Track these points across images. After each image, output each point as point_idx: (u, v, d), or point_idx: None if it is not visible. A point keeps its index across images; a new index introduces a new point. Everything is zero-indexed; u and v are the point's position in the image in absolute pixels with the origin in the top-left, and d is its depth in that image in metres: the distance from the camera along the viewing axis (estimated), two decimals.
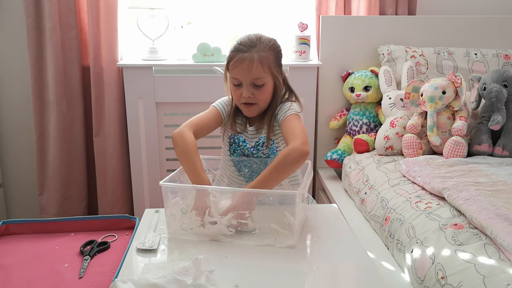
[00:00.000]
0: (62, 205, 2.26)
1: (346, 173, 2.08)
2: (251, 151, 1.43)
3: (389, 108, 2.09)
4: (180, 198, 1.21)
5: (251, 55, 1.32)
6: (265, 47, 1.35)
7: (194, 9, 2.33)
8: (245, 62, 1.32)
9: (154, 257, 1.16)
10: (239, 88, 1.37)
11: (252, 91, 1.35)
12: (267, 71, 1.35)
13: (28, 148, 2.32)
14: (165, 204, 1.23)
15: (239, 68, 1.34)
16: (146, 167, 2.23)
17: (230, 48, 1.38)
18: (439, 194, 1.49)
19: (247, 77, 1.34)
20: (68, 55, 2.16)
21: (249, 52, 1.33)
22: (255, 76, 1.34)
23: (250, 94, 1.35)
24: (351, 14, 2.32)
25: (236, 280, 1.04)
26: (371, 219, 1.68)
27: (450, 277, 1.12)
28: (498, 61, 2.20)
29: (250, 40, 1.35)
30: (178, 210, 1.21)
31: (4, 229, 1.38)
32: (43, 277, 1.15)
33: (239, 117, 1.47)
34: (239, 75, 1.35)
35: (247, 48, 1.33)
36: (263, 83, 1.35)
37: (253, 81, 1.35)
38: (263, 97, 1.38)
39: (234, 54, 1.35)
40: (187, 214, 1.20)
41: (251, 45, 1.34)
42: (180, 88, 2.15)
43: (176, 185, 1.25)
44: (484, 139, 1.86)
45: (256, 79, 1.34)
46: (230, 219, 1.18)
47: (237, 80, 1.36)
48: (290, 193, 1.19)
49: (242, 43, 1.35)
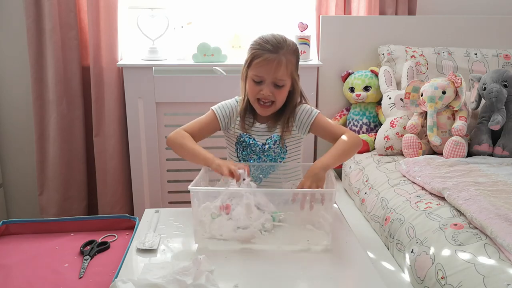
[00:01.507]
0: (62, 205, 2.26)
1: (346, 173, 2.08)
2: (262, 148, 1.44)
3: (389, 108, 2.09)
4: (210, 203, 1.18)
5: (279, 57, 1.35)
6: (290, 50, 1.38)
7: (194, 9, 2.33)
8: (273, 63, 1.34)
9: (154, 257, 1.16)
10: (259, 85, 1.39)
11: (272, 90, 1.38)
12: (289, 74, 1.39)
13: (28, 148, 2.32)
14: (193, 210, 1.18)
15: (265, 67, 1.35)
16: (146, 167, 2.23)
17: (253, 45, 1.39)
18: (439, 194, 1.49)
19: (271, 76, 1.36)
20: (68, 55, 2.16)
21: (277, 54, 1.35)
22: (280, 77, 1.36)
23: (270, 92, 1.38)
24: (351, 14, 2.32)
25: (236, 280, 1.04)
26: (371, 219, 1.68)
27: (450, 277, 1.12)
28: (498, 61, 2.20)
29: (277, 41, 1.36)
30: (208, 216, 1.17)
31: (4, 229, 1.38)
32: (43, 277, 1.15)
33: (247, 116, 1.48)
34: (264, 73, 1.36)
35: (274, 49, 1.35)
36: (284, 84, 1.39)
37: (275, 81, 1.37)
38: (281, 97, 1.41)
39: (260, 52, 1.36)
40: (217, 219, 1.17)
41: (278, 46, 1.36)
42: (180, 88, 2.15)
43: (207, 189, 1.21)
44: (484, 139, 1.86)
45: (279, 80, 1.37)
46: (264, 222, 1.18)
47: (258, 77, 1.38)
48: (328, 191, 1.22)
49: (269, 42, 1.36)
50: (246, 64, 1.40)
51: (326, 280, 1.06)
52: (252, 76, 1.39)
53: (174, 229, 1.30)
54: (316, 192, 1.22)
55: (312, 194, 1.21)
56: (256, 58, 1.36)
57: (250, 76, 1.40)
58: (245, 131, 1.46)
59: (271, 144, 1.43)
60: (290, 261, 1.14)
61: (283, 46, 1.36)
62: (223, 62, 2.17)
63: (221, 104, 1.49)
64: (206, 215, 1.17)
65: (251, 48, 1.39)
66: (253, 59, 1.37)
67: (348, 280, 1.14)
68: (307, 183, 1.24)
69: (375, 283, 1.06)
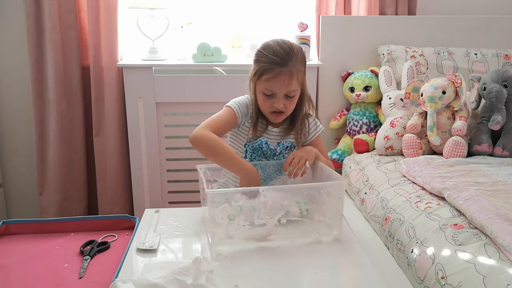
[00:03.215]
0: (62, 205, 2.26)
1: (346, 173, 2.08)
2: (273, 152, 1.43)
3: (389, 108, 2.09)
4: (227, 204, 1.17)
5: (289, 70, 1.32)
6: (299, 59, 1.36)
7: (194, 9, 2.33)
8: (284, 78, 1.32)
9: (154, 257, 1.16)
10: (270, 98, 1.36)
11: (284, 102, 1.37)
12: (300, 83, 1.38)
13: (28, 148, 2.32)
14: (210, 212, 1.17)
15: (276, 82, 1.33)
16: (146, 167, 2.23)
17: (261, 57, 1.35)
18: (439, 194, 1.49)
19: (283, 91, 1.35)
20: (68, 55, 2.16)
21: (287, 67, 1.32)
22: (291, 89, 1.35)
23: (283, 105, 1.37)
24: (351, 14, 2.32)
25: (236, 280, 1.04)
26: (371, 219, 1.68)
27: (450, 277, 1.12)
28: (498, 61, 2.20)
29: (285, 52, 1.33)
30: (225, 217, 1.16)
31: (4, 229, 1.38)
32: (43, 277, 1.15)
33: (260, 121, 1.46)
34: (275, 88, 1.34)
35: (283, 62, 1.32)
36: (295, 94, 1.38)
37: (287, 93, 1.36)
38: (292, 106, 1.41)
39: (269, 67, 1.32)
40: (235, 220, 1.17)
41: (287, 58, 1.33)
42: (180, 88, 2.15)
43: (224, 191, 1.20)
44: (484, 139, 1.86)
45: (291, 92, 1.36)
46: (280, 218, 1.19)
47: (270, 91, 1.35)
48: (338, 183, 1.28)
49: (277, 55, 1.33)
50: (255, 76, 1.36)
51: (326, 281, 1.06)
52: (263, 90, 1.36)
53: (174, 229, 1.30)
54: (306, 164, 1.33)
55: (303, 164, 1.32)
56: (265, 73, 1.33)
57: (260, 89, 1.37)
58: (256, 136, 1.44)
59: (283, 149, 1.43)
60: (290, 261, 1.14)
61: (292, 57, 1.33)
62: (223, 62, 2.17)
63: (236, 101, 1.45)
64: (223, 217, 1.17)
65: (259, 60, 1.36)
66: (262, 73, 1.34)
67: (348, 280, 1.14)
68: (298, 154, 1.34)
69: (375, 283, 1.06)
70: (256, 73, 1.36)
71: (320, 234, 1.23)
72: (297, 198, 1.24)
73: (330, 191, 1.27)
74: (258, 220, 1.18)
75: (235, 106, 1.42)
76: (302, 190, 1.28)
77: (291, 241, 1.21)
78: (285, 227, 1.21)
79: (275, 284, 1.05)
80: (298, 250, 1.19)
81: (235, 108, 1.42)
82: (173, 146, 2.24)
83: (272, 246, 1.19)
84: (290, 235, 1.21)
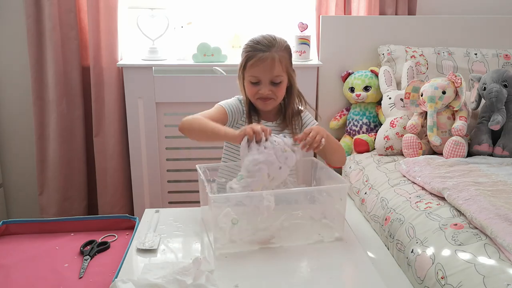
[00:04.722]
0: (62, 205, 2.26)
1: (346, 173, 2.08)
2: None
3: (389, 108, 2.09)
4: (230, 209, 1.17)
5: (271, 55, 1.38)
6: (281, 47, 1.41)
7: (194, 9, 2.33)
8: (266, 61, 1.37)
9: (154, 257, 1.16)
10: (256, 85, 1.42)
11: (270, 88, 1.41)
12: (284, 70, 1.42)
13: (28, 148, 2.32)
14: (213, 217, 1.16)
15: (260, 67, 1.38)
16: (146, 167, 2.23)
17: (245, 48, 1.42)
18: (439, 194, 1.49)
19: (268, 76, 1.39)
20: (68, 55, 2.16)
21: (269, 52, 1.38)
22: (275, 74, 1.39)
23: (269, 92, 1.41)
24: (351, 14, 2.32)
25: (236, 280, 1.04)
26: (371, 219, 1.68)
27: (450, 277, 1.12)
28: (498, 61, 2.20)
29: (267, 40, 1.40)
30: (228, 221, 1.16)
31: (4, 229, 1.38)
32: (43, 277, 1.15)
33: (253, 116, 1.50)
34: (260, 73, 1.40)
35: (266, 48, 1.38)
36: (281, 81, 1.41)
37: (272, 79, 1.40)
38: (281, 93, 1.45)
39: (253, 53, 1.39)
40: (238, 224, 1.16)
41: (269, 45, 1.39)
42: (180, 88, 2.15)
43: (228, 195, 1.19)
44: (484, 139, 1.86)
45: (275, 77, 1.40)
46: (283, 221, 1.19)
47: (255, 78, 1.41)
48: (342, 186, 1.27)
49: (260, 43, 1.39)
50: (241, 67, 1.43)
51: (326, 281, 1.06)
52: (249, 78, 1.42)
53: (174, 229, 1.30)
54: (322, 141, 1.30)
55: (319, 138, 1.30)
56: (250, 60, 1.39)
57: (247, 78, 1.42)
58: None
59: None
60: (290, 261, 1.14)
61: (274, 44, 1.39)
62: (223, 62, 2.17)
63: (226, 101, 1.51)
64: (226, 222, 1.16)
65: (244, 51, 1.43)
66: (247, 61, 1.40)
67: (348, 280, 1.14)
68: (316, 129, 1.31)
69: (375, 283, 1.06)
70: (241, 64, 1.42)
71: (321, 236, 1.23)
72: None
73: (333, 193, 1.28)
74: (261, 224, 1.17)
75: (225, 105, 1.48)
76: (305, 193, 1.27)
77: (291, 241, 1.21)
78: (288, 229, 1.21)
79: (275, 284, 1.05)
80: (298, 250, 1.19)
81: (225, 106, 1.47)
82: (173, 146, 2.24)
83: (272, 246, 1.19)
84: (292, 237, 1.21)
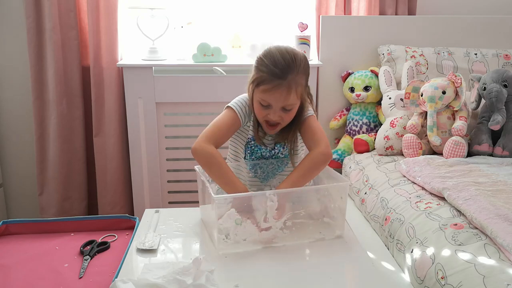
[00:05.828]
0: (62, 205, 2.26)
1: (346, 173, 2.08)
2: (271, 153, 1.43)
3: (389, 108, 2.09)
4: (234, 210, 1.17)
5: (287, 84, 1.25)
6: (300, 68, 1.28)
7: (194, 9, 2.33)
8: (281, 92, 1.26)
9: (154, 257, 1.16)
10: (266, 109, 1.30)
11: (280, 114, 1.31)
12: (299, 96, 1.30)
13: (28, 148, 2.32)
14: (217, 218, 1.16)
15: (273, 95, 1.27)
16: (146, 167, 2.23)
17: (260, 65, 1.29)
18: (439, 194, 1.49)
19: (280, 104, 1.28)
20: (68, 55, 2.16)
21: (286, 80, 1.25)
22: (288, 103, 1.28)
23: (278, 117, 1.31)
24: (351, 14, 2.32)
25: (236, 280, 1.04)
26: (371, 219, 1.68)
27: (450, 277, 1.12)
28: (498, 61, 2.20)
29: (285, 61, 1.25)
30: (232, 222, 1.16)
31: (4, 229, 1.38)
32: (43, 277, 1.15)
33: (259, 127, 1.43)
34: (272, 101, 1.28)
35: (282, 74, 1.25)
36: (292, 108, 1.31)
37: (284, 106, 1.30)
38: (289, 119, 1.34)
39: (267, 77, 1.26)
40: (242, 224, 1.16)
41: (287, 69, 1.25)
42: (180, 88, 2.15)
43: (232, 196, 1.20)
44: (484, 139, 1.86)
45: (287, 105, 1.29)
46: (286, 221, 1.19)
47: (266, 102, 1.29)
48: (343, 185, 1.27)
49: (277, 65, 1.25)
50: (253, 83, 1.30)
51: (326, 281, 1.06)
52: (259, 99, 1.30)
53: (174, 229, 1.30)
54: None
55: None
56: (263, 84, 1.27)
57: (257, 98, 1.31)
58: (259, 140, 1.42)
59: (280, 148, 1.43)
60: (290, 261, 1.14)
61: (293, 68, 1.26)
62: (223, 62, 2.17)
63: (237, 101, 1.39)
64: (231, 222, 1.16)
65: (258, 68, 1.29)
66: (260, 83, 1.28)
67: (348, 280, 1.14)
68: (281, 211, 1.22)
69: (375, 283, 1.06)
70: (254, 81, 1.30)
71: (323, 234, 1.24)
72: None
73: (334, 192, 1.28)
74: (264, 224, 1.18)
75: (236, 108, 1.37)
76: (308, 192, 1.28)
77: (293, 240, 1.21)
78: (290, 229, 1.21)
79: (275, 284, 1.05)
80: (298, 249, 1.19)
81: (237, 109, 1.37)
82: (173, 146, 2.24)
83: (272, 246, 1.19)
84: (294, 237, 1.21)
